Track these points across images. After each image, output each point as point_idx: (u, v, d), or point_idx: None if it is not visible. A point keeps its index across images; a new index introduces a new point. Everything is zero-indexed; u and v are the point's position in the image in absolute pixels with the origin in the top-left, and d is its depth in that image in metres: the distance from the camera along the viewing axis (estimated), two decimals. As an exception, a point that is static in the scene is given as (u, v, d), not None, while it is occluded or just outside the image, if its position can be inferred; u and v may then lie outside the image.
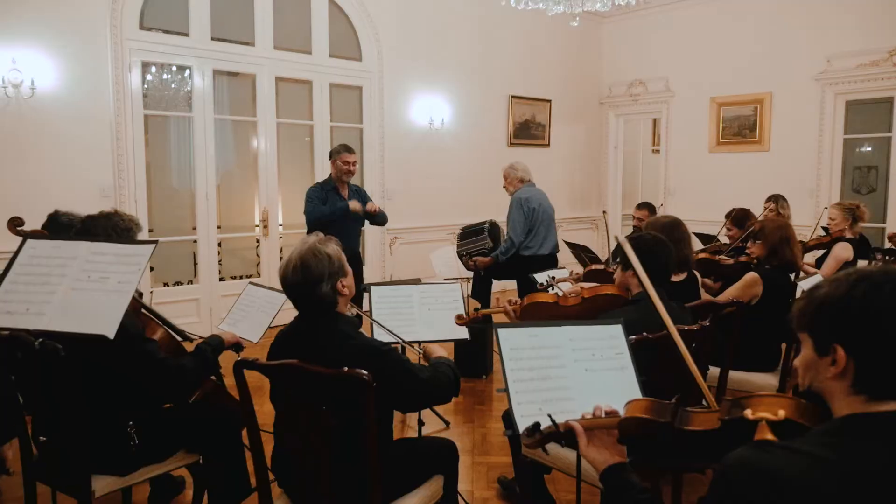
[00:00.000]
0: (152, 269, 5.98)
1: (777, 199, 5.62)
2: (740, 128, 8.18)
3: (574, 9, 5.54)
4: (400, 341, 2.72)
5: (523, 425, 1.88)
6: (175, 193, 6.38)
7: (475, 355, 4.92)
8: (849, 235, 4.92)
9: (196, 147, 6.06)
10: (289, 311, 2.33)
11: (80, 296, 2.22)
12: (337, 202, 4.99)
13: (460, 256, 5.66)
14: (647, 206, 5.86)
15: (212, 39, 6.04)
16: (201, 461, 2.64)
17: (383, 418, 2.14)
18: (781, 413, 1.20)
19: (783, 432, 1.17)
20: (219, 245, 6.42)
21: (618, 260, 2.77)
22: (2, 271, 2.33)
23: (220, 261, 6.44)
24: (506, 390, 1.94)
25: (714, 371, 3.11)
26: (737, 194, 7.37)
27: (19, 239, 2.47)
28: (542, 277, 3.77)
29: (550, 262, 5.31)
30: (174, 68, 6.09)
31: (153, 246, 2.33)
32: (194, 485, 2.77)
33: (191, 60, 5.95)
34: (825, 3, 7.36)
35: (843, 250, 4.78)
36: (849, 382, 1.10)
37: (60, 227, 3.26)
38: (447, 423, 4.11)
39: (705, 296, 3.50)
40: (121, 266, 2.27)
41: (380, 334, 2.91)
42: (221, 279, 6.40)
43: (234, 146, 6.85)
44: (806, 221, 7.08)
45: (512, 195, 5.55)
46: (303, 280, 2.07)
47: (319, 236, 2.17)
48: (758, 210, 5.50)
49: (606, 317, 2.44)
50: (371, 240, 7.17)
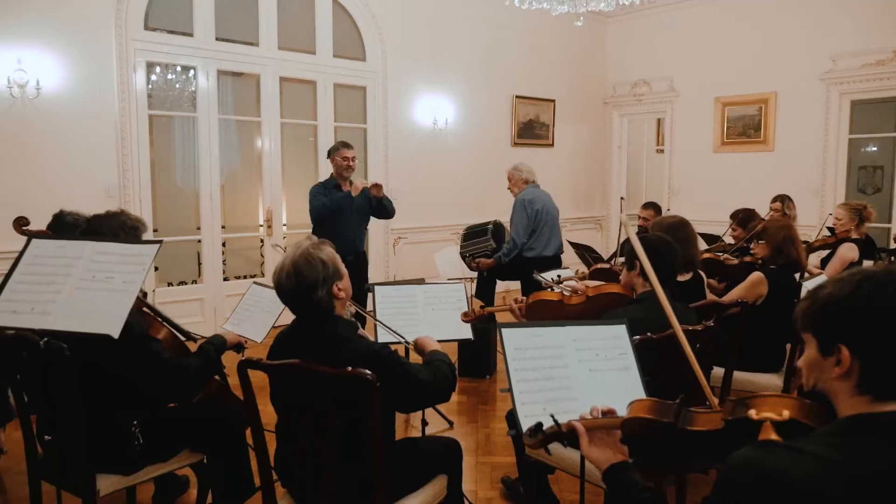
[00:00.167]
0: (157, 268, 6.00)
1: (783, 200, 5.60)
2: (745, 128, 8.16)
3: (578, 8, 5.53)
4: (402, 340, 2.72)
5: (527, 425, 1.88)
6: (179, 193, 6.40)
7: (479, 355, 4.92)
8: (855, 236, 4.89)
9: (200, 147, 6.07)
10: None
11: (85, 295, 2.23)
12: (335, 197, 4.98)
13: (463, 258, 5.66)
14: (652, 206, 5.86)
15: (216, 40, 6.05)
16: (205, 461, 2.64)
17: (385, 418, 2.14)
18: (786, 413, 1.19)
19: (787, 433, 1.16)
20: (223, 245, 6.44)
21: (623, 260, 2.76)
22: (7, 271, 2.34)
23: (224, 261, 6.45)
24: (509, 390, 1.94)
25: (718, 371, 3.11)
26: (741, 194, 7.35)
27: (25, 238, 2.48)
28: (547, 276, 3.75)
29: (555, 263, 5.30)
30: (178, 68, 6.11)
31: (158, 246, 2.34)
32: (198, 484, 2.77)
33: (195, 60, 5.97)
34: (830, 2, 7.34)
35: (848, 251, 4.76)
36: (853, 383, 1.10)
37: (66, 226, 3.27)
38: (451, 423, 4.11)
39: (710, 296, 3.49)
40: (125, 266, 2.28)
41: (382, 334, 2.92)
42: (225, 279, 6.42)
43: (238, 146, 6.86)
44: (811, 221, 7.06)
45: (516, 196, 5.55)
46: (297, 286, 2.05)
47: (313, 240, 2.15)
48: (763, 210, 5.48)
49: (610, 316, 2.44)
50: (375, 239, 7.17)
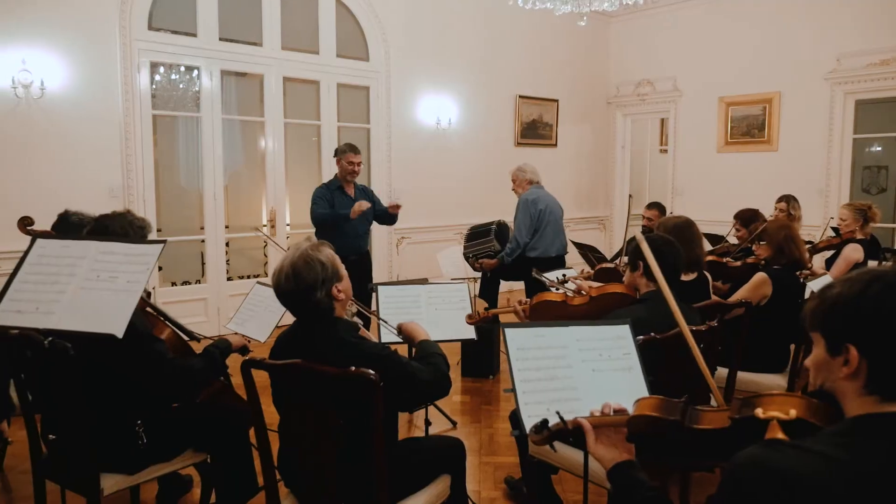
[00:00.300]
0: (160, 268, 6.01)
1: (788, 200, 5.58)
2: (749, 127, 8.14)
3: (581, 8, 5.52)
4: (391, 330, 2.66)
5: (530, 425, 1.88)
6: (183, 193, 6.41)
7: (482, 355, 4.92)
8: (859, 236, 4.87)
9: (204, 147, 6.08)
10: (296, 311, 2.32)
11: (90, 295, 2.24)
12: (344, 204, 4.98)
13: (467, 258, 5.65)
14: (657, 206, 5.85)
15: (220, 40, 6.06)
16: (209, 460, 2.65)
17: (387, 418, 2.14)
18: (793, 412, 1.19)
19: (794, 432, 1.16)
20: (226, 245, 6.44)
21: (626, 261, 2.76)
22: (12, 271, 2.35)
23: (227, 260, 6.46)
24: (513, 390, 1.94)
25: (722, 372, 3.10)
26: (745, 194, 7.33)
27: (29, 238, 2.48)
28: (552, 276, 3.74)
29: (558, 263, 5.28)
30: (182, 68, 6.12)
31: (162, 245, 2.35)
32: (202, 484, 2.78)
33: (199, 61, 5.98)
34: (835, 1, 7.31)
35: (853, 252, 4.74)
36: (861, 383, 1.09)
37: (71, 226, 3.27)
38: (454, 423, 4.11)
39: (714, 297, 3.49)
40: (130, 265, 2.28)
41: (385, 334, 2.92)
42: (229, 279, 6.42)
43: (241, 146, 6.87)
44: (815, 222, 7.04)
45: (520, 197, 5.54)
46: (295, 288, 2.04)
47: (312, 241, 2.14)
48: (767, 210, 5.46)
49: (614, 316, 2.43)
50: (378, 240, 7.18)
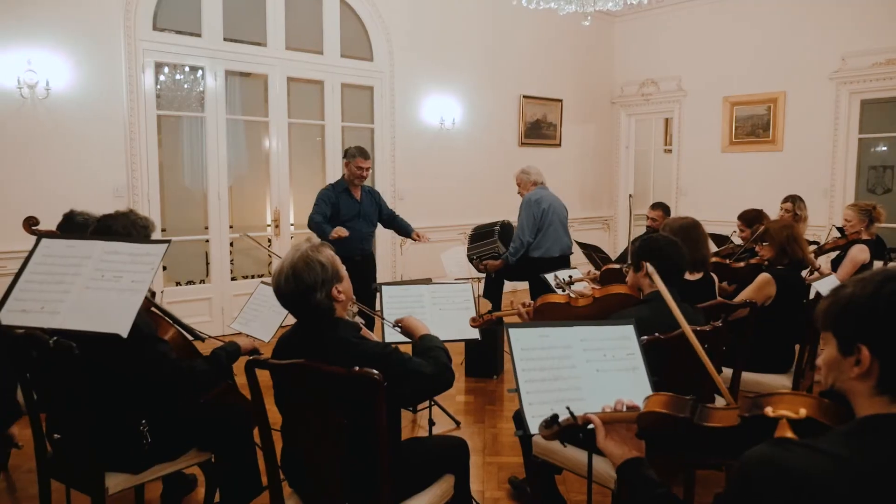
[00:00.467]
0: (165, 268, 6.02)
1: (794, 200, 5.56)
2: (753, 127, 8.12)
3: (586, 8, 5.52)
4: (392, 326, 2.66)
5: (534, 425, 1.88)
6: (187, 193, 6.42)
7: (486, 355, 4.91)
8: (865, 237, 4.86)
9: (208, 147, 6.10)
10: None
11: (94, 295, 2.24)
12: (350, 207, 4.98)
13: (471, 260, 5.65)
14: (661, 207, 5.83)
15: (224, 40, 6.07)
16: (213, 460, 2.65)
17: (391, 418, 2.14)
18: (802, 412, 1.19)
19: (803, 431, 1.16)
20: (231, 245, 6.46)
21: (629, 261, 2.76)
22: (17, 270, 2.36)
23: (231, 260, 6.47)
24: (517, 390, 1.94)
25: (727, 372, 3.09)
26: (750, 194, 7.32)
27: (34, 238, 2.49)
28: (558, 276, 3.74)
29: (562, 263, 5.28)
30: (187, 69, 6.13)
31: (166, 245, 2.35)
32: (206, 483, 2.78)
33: (203, 61, 5.99)
34: (840, 1, 7.29)
35: (859, 252, 4.72)
36: (872, 383, 1.09)
37: (76, 226, 3.28)
38: (458, 423, 4.10)
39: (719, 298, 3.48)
40: (134, 265, 2.29)
41: (390, 334, 2.92)
42: (233, 279, 6.44)
43: (246, 146, 6.88)
44: (820, 222, 7.02)
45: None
46: (295, 289, 2.03)
47: (312, 242, 2.14)
48: (772, 210, 5.45)
49: (618, 317, 2.43)
50: (382, 240, 7.18)
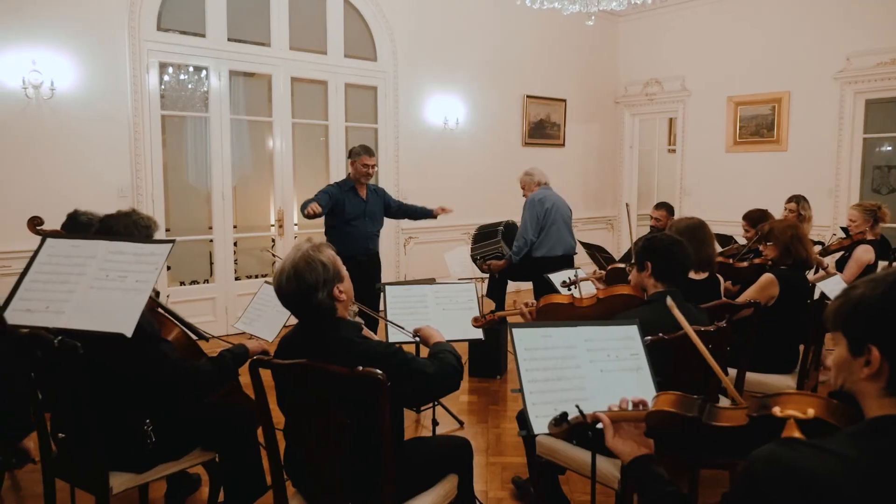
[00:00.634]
0: (169, 268, 6.04)
1: (798, 200, 5.55)
2: (758, 127, 8.10)
3: (590, 8, 5.51)
4: (407, 334, 2.70)
5: (538, 426, 1.88)
6: (192, 193, 6.44)
7: (489, 355, 4.91)
8: (869, 237, 4.85)
9: (212, 147, 6.10)
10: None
11: (99, 294, 2.25)
12: (356, 205, 4.99)
13: (474, 260, 5.65)
14: (664, 207, 5.83)
15: (228, 40, 6.08)
16: (217, 459, 2.66)
17: (394, 417, 2.14)
18: (810, 412, 1.19)
19: (811, 432, 1.16)
20: (234, 244, 6.47)
21: (632, 261, 2.75)
22: (22, 270, 2.37)
23: (235, 260, 6.49)
24: (520, 390, 1.94)
25: (731, 373, 3.09)
26: (754, 195, 7.30)
27: (39, 238, 2.50)
28: (563, 276, 3.74)
29: (565, 263, 5.27)
30: (191, 69, 6.15)
31: (171, 245, 2.36)
32: (210, 482, 2.78)
33: (207, 61, 6.00)
34: (844, 0, 7.27)
35: (864, 253, 4.72)
36: (882, 384, 1.08)
37: (80, 226, 3.29)
38: (461, 423, 4.10)
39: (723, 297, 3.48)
40: (139, 265, 2.30)
41: (393, 333, 2.92)
42: (237, 278, 6.45)
43: (249, 146, 6.90)
44: (825, 222, 7.00)
45: (528, 198, 5.53)
46: (297, 289, 2.04)
47: (312, 242, 2.14)
48: (776, 210, 5.44)
49: (622, 317, 2.43)
50: (385, 240, 7.16)
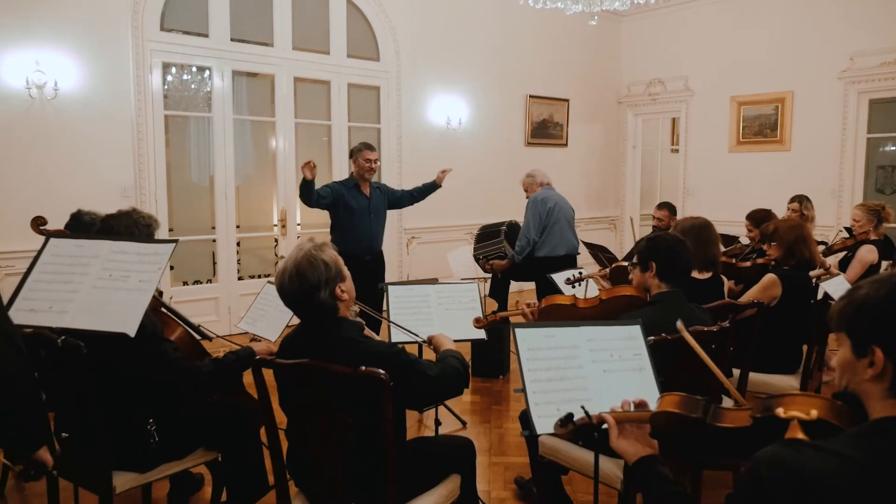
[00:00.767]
0: (172, 268, 6.04)
1: (801, 200, 5.54)
2: (761, 127, 8.08)
3: (592, 7, 5.50)
4: (417, 339, 2.72)
5: (541, 426, 1.88)
6: (195, 193, 6.45)
7: (492, 355, 4.91)
8: (873, 237, 4.84)
9: (215, 147, 6.11)
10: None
11: (102, 294, 2.26)
12: (360, 203, 4.98)
13: (477, 260, 5.64)
14: (666, 207, 5.81)
15: (231, 40, 6.08)
16: (220, 459, 2.66)
17: (397, 417, 2.14)
18: (814, 413, 1.19)
19: (814, 433, 1.16)
20: (237, 244, 6.47)
21: (634, 261, 2.75)
22: (26, 270, 2.37)
23: (238, 260, 6.49)
24: (523, 391, 1.94)
25: (734, 373, 3.08)
26: (757, 194, 7.29)
27: (42, 238, 2.51)
28: (567, 275, 3.73)
29: (568, 263, 5.26)
30: (194, 69, 6.16)
31: (174, 245, 2.36)
32: (213, 482, 2.79)
33: (210, 61, 6.01)
34: (847, 0, 7.25)
35: (868, 253, 4.71)
36: (886, 385, 1.08)
37: (83, 226, 3.29)
38: (464, 423, 4.10)
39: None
40: (142, 265, 2.30)
41: (395, 333, 2.92)
42: (240, 278, 6.45)
43: (252, 146, 6.90)
44: (828, 222, 6.98)
45: (531, 198, 5.53)
46: (299, 288, 2.03)
47: (315, 242, 2.14)
48: (780, 210, 5.43)
49: (625, 318, 2.42)
50: (388, 239, 7.15)
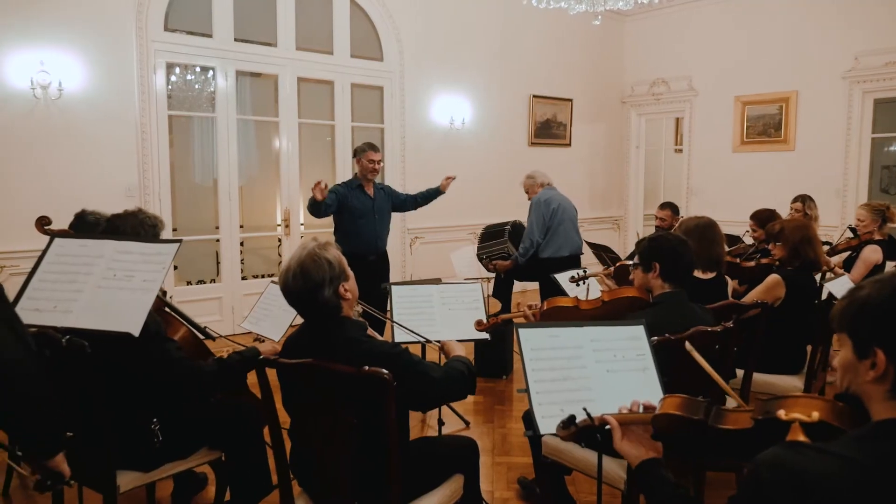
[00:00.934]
0: (176, 267, 6.05)
1: (804, 200, 5.53)
2: (765, 127, 8.06)
3: (596, 7, 5.50)
4: (422, 340, 2.73)
5: (544, 426, 1.88)
6: (198, 193, 6.46)
7: (495, 355, 4.91)
8: (877, 237, 4.83)
9: (219, 147, 6.12)
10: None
11: (107, 294, 2.26)
12: (363, 203, 4.99)
13: (480, 259, 5.64)
14: (669, 207, 5.80)
15: (235, 40, 6.10)
16: (224, 458, 2.66)
17: (400, 417, 2.14)
18: (815, 415, 1.18)
19: (816, 434, 1.15)
20: (241, 244, 6.49)
21: (636, 261, 2.74)
22: (30, 270, 2.38)
23: (242, 260, 6.50)
24: (526, 391, 1.94)
25: (738, 373, 3.08)
26: (761, 194, 7.27)
27: (47, 238, 2.51)
28: (571, 274, 3.73)
29: (572, 263, 5.25)
30: (198, 69, 6.16)
31: (178, 245, 2.37)
32: (216, 481, 2.79)
33: (214, 61, 6.02)
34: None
35: (872, 253, 4.70)
36: (888, 386, 1.07)
37: (87, 226, 3.31)
38: (467, 423, 4.10)
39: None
40: (146, 265, 2.30)
41: (399, 333, 2.92)
42: (244, 278, 6.47)
43: (256, 146, 6.91)
44: (832, 222, 6.96)
45: (533, 199, 5.53)
46: (304, 286, 2.03)
47: (318, 241, 2.14)
48: (783, 210, 5.42)
49: (629, 318, 2.42)
50: (392, 239, 7.13)
